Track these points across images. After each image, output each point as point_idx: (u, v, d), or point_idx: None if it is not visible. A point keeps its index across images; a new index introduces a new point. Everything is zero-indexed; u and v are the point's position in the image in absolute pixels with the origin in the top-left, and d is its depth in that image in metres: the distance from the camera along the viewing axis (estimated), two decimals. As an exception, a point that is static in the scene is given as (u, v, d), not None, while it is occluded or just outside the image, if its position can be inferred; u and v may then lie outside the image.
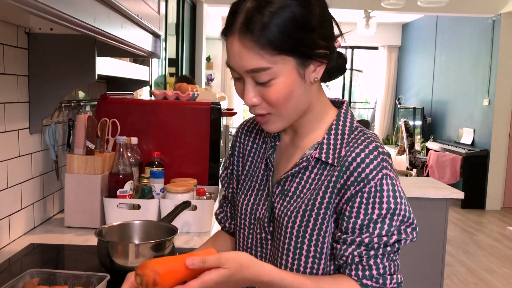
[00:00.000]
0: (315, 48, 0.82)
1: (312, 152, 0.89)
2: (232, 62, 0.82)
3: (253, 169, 0.99)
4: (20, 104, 1.45)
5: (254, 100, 0.83)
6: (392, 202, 0.82)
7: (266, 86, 0.81)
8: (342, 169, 0.84)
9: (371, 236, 0.82)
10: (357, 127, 0.90)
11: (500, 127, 6.12)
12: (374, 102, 9.86)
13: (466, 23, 6.90)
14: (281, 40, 0.78)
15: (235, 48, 0.80)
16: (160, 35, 1.69)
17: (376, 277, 0.82)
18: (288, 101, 0.83)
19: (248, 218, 0.97)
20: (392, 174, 0.84)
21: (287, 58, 0.80)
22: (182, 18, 4.99)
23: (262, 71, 0.80)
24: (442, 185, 3.08)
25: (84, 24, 0.92)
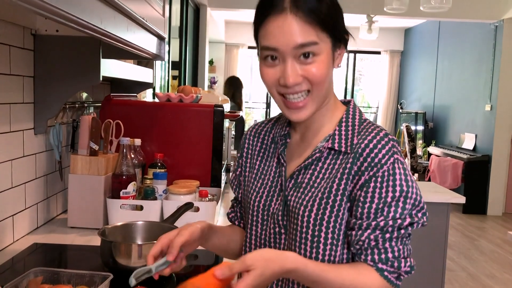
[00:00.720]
0: (343, 32, 0.90)
1: (324, 144, 0.93)
2: (278, 41, 0.85)
3: (263, 168, 1.02)
4: (25, 105, 1.46)
5: (298, 78, 0.87)
6: (405, 185, 0.86)
7: (309, 63, 0.86)
8: (356, 155, 0.89)
9: (386, 219, 0.85)
10: (366, 119, 0.96)
11: (502, 132, 6.12)
12: (376, 107, 9.87)
13: (468, 28, 6.91)
14: (325, 17, 0.85)
15: (286, 25, 0.84)
16: (165, 37, 1.70)
17: (392, 260, 0.86)
18: (326, 79, 0.89)
19: (261, 215, 0.99)
20: (402, 159, 0.89)
21: (327, 38, 0.86)
22: (185, 21, 5.01)
23: (312, 45, 0.84)
24: (444, 190, 3.08)
25: (91, 25, 0.93)
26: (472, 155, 6.37)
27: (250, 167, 1.05)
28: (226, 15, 8.25)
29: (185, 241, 0.87)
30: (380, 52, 9.50)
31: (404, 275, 0.88)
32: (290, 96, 0.89)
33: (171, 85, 4.26)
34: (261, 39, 0.88)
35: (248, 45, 9.27)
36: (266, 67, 0.89)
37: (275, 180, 0.99)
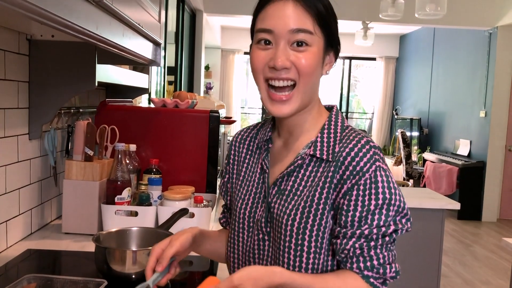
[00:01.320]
0: (336, 39, 0.93)
1: (306, 151, 0.93)
2: (275, 23, 0.87)
3: (248, 174, 1.02)
4: (20, 110, 1.45)
5: (286, 62, 0.87)
6: (387, 193, 0.86)
7: (301, 50, 0.87)
8: (338, 164, 0.88)
9: (370, 228, 0.85)
10: (348, 126, 0.96)
11: (496, 138, 6.16)
12: (372, 113, 9.90)
13: (463, 35, 6.96)
14: (322, 14, 0.88)
15: (287, 9, 0.87)
16: (161, 43, 1.70)
17: (377, 267, 0.86)
18: (313, 73, 0.89)
19: (246, 222, 0.99)
20: (385, 166, 0.89)
21: (321, 34, 0.89)
22: (181, 26, 5.02)
23: (306, 33, 0.87)
24: (439, 196, 3.09)
25: (86, 31, 0.93)
26: (467, 161, 6.39)
27: (237, 174, 1.05)
28: (222, 21, 8.27)
29: (176, 251, 0.88)
30: (375, 59, 9.54)
31: (390, 280, 0.88)
32: (275, 83, 0.88)
33: (166, 90, 4.26)
34: (259, 22, 0.90)
35: (244, 51, 9.29)
36: (258, 49, 0.90)
37: (259, 186, 0.99)
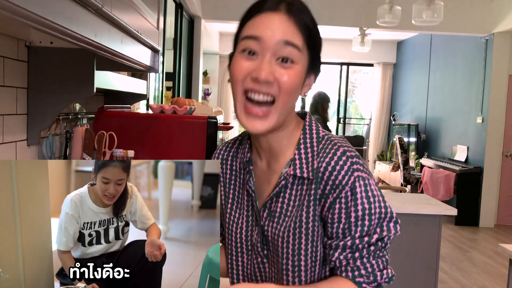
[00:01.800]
0: (319, 63, 0.90)
1: (287, 170, 0.91)
2: (265, 31, 0.83)
3: (238, 196, 0.99)
4: (18, 116, 1.46)
5: (270, 76, 0.83)
6: (366, 202, 0.86)
7: (286, 67, 0.84)
8: (318, 180, 0.88)
9: (353, 239, 0.86)
10: (324, 135, 0.93)
11: (493, 144, 6.18)
12: (369, 118, 9.93)
13: (459, 42, 7.00)
14: (312, 35, 0.86)
15: (278, 20, 0.84)
16: (159, 50, 1.71)
17: (366, 274, 0.86)
18: (293, 93, 0.86)
19: (245, 246, 0.97)
20: (364, 174, 0.87)
21: (307, 55, 0.87)
22: (180, 33, 5.03)
23: (294, 47, 0.84)
24: (436, 202, 3.09)
25: (85, 39, 0.94)
26: (464, 167, 6.41)
27: (225, 196, 1.01)
28: (221, 27, 8.30)
29: None
30: (373, 65, 9.58)
31: (384, 284, 0.89)
32: (255, 96, 0.84)
33: (165, 96, 4.27)
34: (245, 29, 0.86)
35: (242, 57, 9.30)
36: (241, 59, 0.85)
37: (249, 209, 0.97)
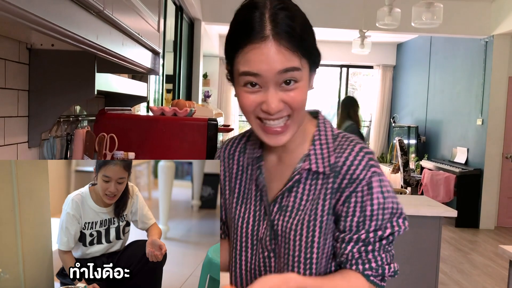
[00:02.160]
0: (317, 54, 0.90)
1: (301, 165, 0.93)
2: (261, 66, 0.83)
3: (244, 191, 1.00)
4: (19, 118, 1.46)
5: (280, 104, 0.85)
6: (381, 197, 0.89)
7: (291, 89, 0.85)
8: (335, 174, 0.90)
9: (367, 232, 0.89)
10: (338, 133, 0.96)
11: (493, 146, 6.18)
12: (369, 120, 9.93)
13: (459, 44, 7.01)
14: (304, 42, 0.85)
15: (270, 51, 0.82)
16: (159, 52, 1.72)
17: (376, 268, 0.90)
18: (304, 105, 0.89)
19: (250, 240, 0.98)
20: (379, 170, 0.91)
21: (306, 63, 0.86)
22: (180, 35, 5.05)
23: (294, 70, 0.84)
24: (436, 203, 3.10)
25: (87, 41, 0.95)
26: (464, 169, 6.41)
27: (230, 190, 1.02)
28: (221, 29, 8.31)
29: None
30: (372, 67, 9.59)
31: (388, 278, 0.92)
32: (270, 122, 0.87)
33: (165, 98, 4.28)
34: (240, 65, 0.85)
35: (242, 59, 9.32)
36: (246, 93, 0.86)
37: (257, 204, 0.97)
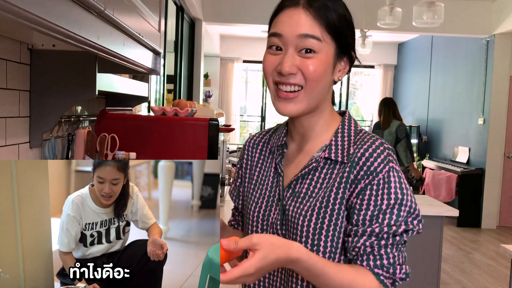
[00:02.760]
0: (350, 46, 0.94)
1: (320, 154, 0.95)
2: (285, 28, 0.90)
3: (261, 178, 1.03)
4: (21, 119, 1.47)
5: (293, 67, 0.90)
6: (399, 193, 0.88)
7: (308, 57, 0.89)
8: (353, 165, 0.90)
9: (381, 226, 0.87)
10: (361, 130, 0.98)
11: (495, 146, 6.17)
12: (370, 120, 9.93)
13: (461, 43, 7.00)
14: (334, 23, 0.90)
15: (296, 16, 0.89)
16: (160, 52, 1.72)
17: (387, 266, 0.87)
18: (321, 79, 0.91)
19: (260, 225, 1.00)
20: (397, 167, 0.91)
21: (331, 43, 0.91)
22: (181, 35, 5.05)
23: (313, 39, 0.89)
24: (438, 203, 3.09)
25: (88, 41, 0.95)
26: (466, 168, 6.40)
27: (249, 178, 1.07)
28: (221, 30, 8.32)
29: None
30: (374, 66, 9.59)
31: (399, 282, 0.90)
32: (283, 87, 0.91)
33: (166, 98, 4.28)
34: (271, 27, 0.93)
35: (243, 59, 9.33)
36: (269, 54, 0.92)
37: (273, 190, 1.00)
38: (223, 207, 2.34)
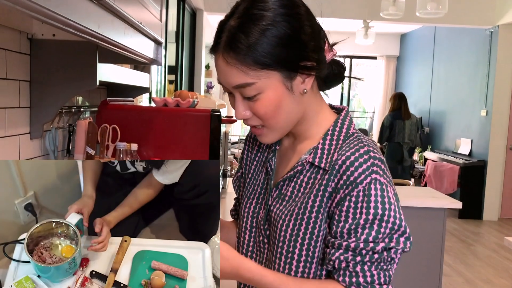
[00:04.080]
0: (300, 62, 0.83)
1: (307, 157, 0.90)
2: (220, 78, 0.85)
3: (256, 173, 1.01)
4: (21, 109, 1.45)
5: (245, 114, 0.86)
6: (380, 208, 0.81)
7: (253, 100, 0.83)
8: (333, 172, 0.85)
9: (357, 241, 0.81)
10: (354, 133, 0.91)
11: (497, 137, 6.15)
12: (372, 112, 9.89)
13: (464, 34, 6.95)
14: (265, 57, 0.80)
15: (220, 66, 0.83)
16: (162, 42, 1.70)
17: (364, 285, 0.81)
18: (278, 114, 0.85)
19: (249, 222, 0.98)
20: (383, 179, 0.83)
21: (272, 73, 0.82)
22: (182, 26, 5.01)
23: (247, 86, 0.82)
24: (440, 195, 3.08)
25: (88, 30, 0.93)
26: (468, 160, 6.39)
27: (246, 170, 1.05)
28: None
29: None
30: (376, 57, 9.53)
31: None
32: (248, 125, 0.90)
33: (167, 89, 4.26)
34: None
35: (244, 50, 9.28)
36: (228, 94, 0.89)
37: (263, 187, 0.98)
38: (225, 199, 2.33)
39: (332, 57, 0.91)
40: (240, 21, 0.81)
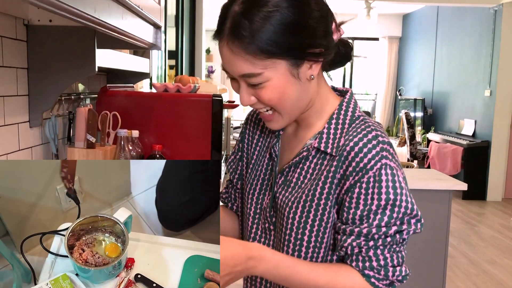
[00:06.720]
0: (308, 49, 0.80)
1: (312, 142, 0.89)
2: (225, 66, 0.83)
3: (258, 158, 0.99)
4: (19, 97, 1.43)
5: (251, 99, 0.84)
6: (392, 193, 0.80)
7: (259, 88, 0.81)
8: (341, 158, 0.83)
9: (369, 227, 0.80)
10: (359, 116, 0.88)
11: (501, 118, 6.11)
12: (375, 94, 9.83)
13: (467, 13, 6.85)
14: (270, 45, 0.77)
15: (225, 54, 0.81)
16: (161, 26, 1.67)
17: (377, 268, 0.81)
18: (284, 101, 0.83)
19: (253, 208, 0.97)
20: (393, 164, 0.82)
21: (278, 61, 0.79)
22: (181, 9, 4.95)
23: (253, 76, 0.79)
24: (445, 177, 3.06)
25: (84, 14, 0.90)
26: (472, 141, 6.36)
27: (247, 155, 1.03)
28: (223, 3, 8.16)
29: None
30: (378, 39, 9.43)
31: (397, 283, 0.83)
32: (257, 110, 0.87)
33: (168, 75, 4.22)
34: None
35: (245, 33, 9.20)
36: (230, 79, 0.86)
37: (267, 173, 0.96)
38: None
39: (339, 37, 0.88)
40: (244, 7, 0.78)
